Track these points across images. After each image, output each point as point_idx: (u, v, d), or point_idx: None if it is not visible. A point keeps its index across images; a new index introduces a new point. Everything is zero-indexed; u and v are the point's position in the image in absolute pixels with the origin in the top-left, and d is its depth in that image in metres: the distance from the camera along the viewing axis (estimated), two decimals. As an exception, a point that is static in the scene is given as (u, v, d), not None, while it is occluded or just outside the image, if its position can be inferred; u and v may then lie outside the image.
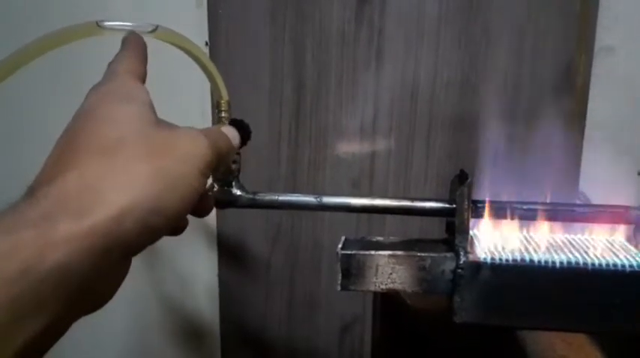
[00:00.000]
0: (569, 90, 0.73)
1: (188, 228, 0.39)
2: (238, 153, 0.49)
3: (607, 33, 0.71)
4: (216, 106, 0.47)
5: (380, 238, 0.49)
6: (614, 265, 0.42)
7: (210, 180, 0.49)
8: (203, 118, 0.69)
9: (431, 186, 0.75)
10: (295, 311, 0.78)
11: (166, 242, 0.72)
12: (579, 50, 0.72)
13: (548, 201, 0.48)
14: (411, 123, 0.73)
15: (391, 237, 0.49)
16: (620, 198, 0.49)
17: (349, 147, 0.74)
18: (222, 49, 0.69)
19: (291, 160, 0.73)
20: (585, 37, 0.71)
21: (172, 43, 0.42)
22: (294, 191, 0.74)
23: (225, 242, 0.75)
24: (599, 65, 0.72)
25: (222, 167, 0.46)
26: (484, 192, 0.58)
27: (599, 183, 0.74)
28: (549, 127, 0.74)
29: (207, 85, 0.47)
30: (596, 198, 0.74)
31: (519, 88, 0.73)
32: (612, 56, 0.72)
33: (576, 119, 0.73)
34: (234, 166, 0.48)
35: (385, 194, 0.75)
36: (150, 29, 0.41)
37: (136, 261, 0.33)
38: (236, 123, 0.50)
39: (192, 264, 0.75)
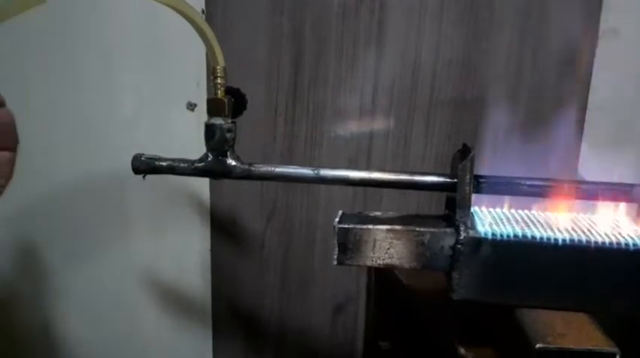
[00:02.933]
0: (572, 70, 0.71)
1: (180, 201, 0.38)
2: (234, 122, 0.47)
3: (612, 15, 0.70)
4: (211, 73, 0.46)
5: (378, 213, 0.47)
6: (618, 243, 0.41)
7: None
8: (198, 88, 0.67)
9: (429, 166, 0.73)
10: (289, 290, 0.77)
11: (158, 214, 0.71)
12: (583, 31, 0.71)
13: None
14: (411, 102, 0.71)
15: (389, 212, 0.47)
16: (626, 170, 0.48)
17: (347, 125, 0.72)
18: (219, 18, 0.67)
19: (288, 136, 0.72)
20: (590, 19, 0.70)
21: (167, 4, 0.40)
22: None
23: (219, 217, 0.74)
24: (603, 47, 0.71)
25: None
26: (483, 172, 0.57)
27: (598, 164, 0.73)
28: (551, 107, 0.73)
29: (204, 52, 0.45)
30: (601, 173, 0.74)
31: (522, 68, 0.71)
32: (616, 38, 0.71)
33: (578, 99, 0.72)
34: (228, 135, 0.46)
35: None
36: None
37: (128, 233, 0.32)
38: (232, 91, 0.48)
39: (184, 238, 0.73)
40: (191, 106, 0.67)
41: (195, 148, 0.48)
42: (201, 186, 0.71)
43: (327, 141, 0.72)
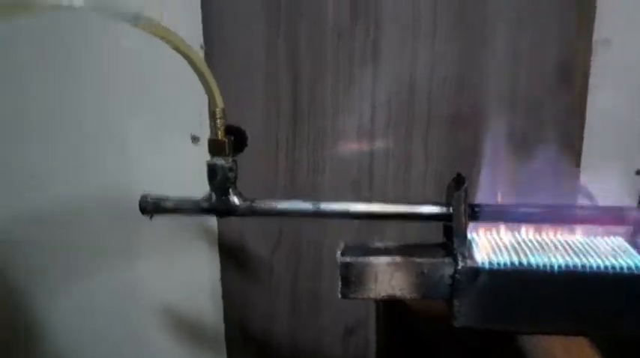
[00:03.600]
0: (569, 83, 0.72)
1: (190, 232, 0.39)
2: (235, 161, 0.49)
3: (605, 25, 0.71)
4: (211, 115, 0.47)
5: (379, 244, 0.49)
6: (613, 267, 0.42)
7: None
8: (201, 119, 0.69)
9: (430, 185, 0.75)
10: (299, 314, 0.78)
11: (168, 246, 0.73)
12: (577, 43, 0.71)
13: (549, 196, 0.48)
14: (408, 121, 0.73)
15: (389, 242, 0.49)
16: (621, 190, 0.49)
17: (347, 149, 0.73)
18: (216, 52, 0.69)
19: (290, 164, 0.73)
20: (583, 29, 0.70)
21: (159, 36, 0.42)
22: (293, 195, 0.74)
23: (227, 246, 0.76)
24: (597, 58, 0.72)
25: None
26: (484, 189, 0.58)
27: (599, 176, 0.74)
28: (549, 121, 0.74)
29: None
30: (597, 192, 0.74)
31: (517, 83, 0.72)
32: (610, 48, 0.72)
33: (576, 111, 0.73)
34: (230, 174, 0.48)
35: (385, 194, 0.75)
36: (135, 20, 0.40)
37: (140, 267, 0.34)
38: (232, 129, 0.50)
39: (194, 269, 0.75)
40: (195, 139, 0.69)
41: (200, 180, 0.49)
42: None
43: (329, 167, 0.74)
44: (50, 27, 0.66)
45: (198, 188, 0.49)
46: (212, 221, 0.74)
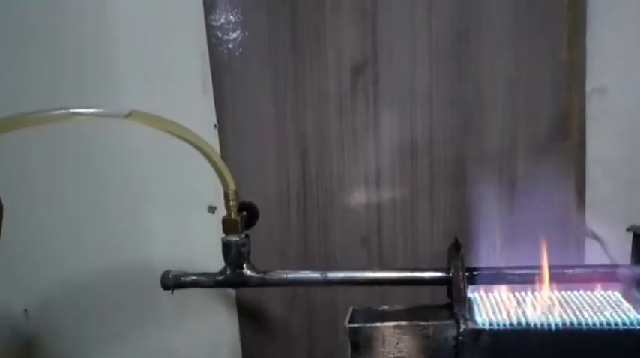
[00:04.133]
0: (565, 134, 0.75)
1: (208, 296, 0.42)
2: (247, 236, 0.53)
3: (598, 74, 0.74)
4: (224, 196, 0.52)
5: (386, 307, 0.52)
6: (608, 324, 0.44)
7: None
8: (216, 192, 0.73)
9: (438, 239, 0.77)
10: (317, 371, 0.80)
11: (188, 311, 0.77)
12: (571, 94, 0.74)
13: (554, 245, 0.51)
14: (413, 182, 0.76)
15: (396, 306, 0.52)
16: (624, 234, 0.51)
17: (356, 208, 0.77)
18: (230, 130, 0.74)
19: (301, 225, 0.77)
20: (576, 81, 0.73)
21: (151, 125, 0.46)
22: (305, 255, 0.78)
23: (245, 307, 0.79)
24: (593, 106, 0.74)
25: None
26: (491, 245, 0.60)
27: (602, 219, 0.76)
28: (550, 173, 0.76)
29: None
30: (605, 234, 0.75)
31: (516, 141, 0.75)
32: (605, 96, 0.74)
33: (577, 161, 0.75)
34: (243, 249, 0.52)
35: (394, 249, 0.78)
36: (125, 114, 0.44)
37: (165, 331, 0.37)
38: (244, 205, 0.54)
39: (214, 331, 0.78)
40: (212, 210, 0.73)
41: (218, 244, 0.53)
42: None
43: (339, 226, 0.77)
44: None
45: (217, 254, 0.53)
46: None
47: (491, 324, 0.45)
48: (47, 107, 0.43)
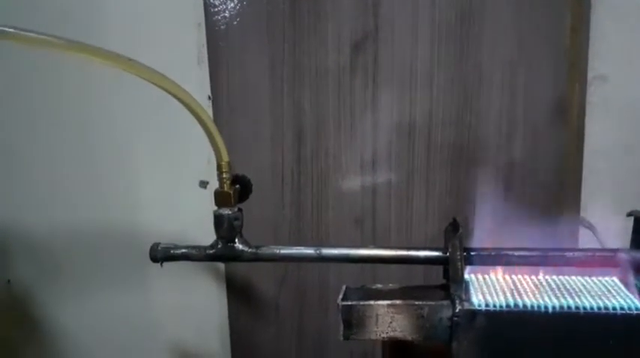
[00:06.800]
0: (565, 120, 0.74)
1: (197, 271, 0.41)
2: (240, 210, 0.51)
3: (600, 62, 0.73)
4: (217, 168, 0.50)
5: (379, 286, 0.50)
6: (606, 308, 0.43)
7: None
8: (209, 165, 0.71)
9: (432, 221, 0.76)
10: (305, 351, 0.79)
11: (178, 284, 0.75)
12: (572, 80, 0.73)
13: (549, 232, 0.50)
14: (409, 162, 0.75)
15: (390, 284, 0.50)
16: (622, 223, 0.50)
17: (350, 188, 0.76)
18: (224, 103, 0.72)
19: (295, 204, 0.76)
20: (577, 67, 0.73)
21: (172, 94, 0.45)
22: (299, 233, 0.76)
23: (234, 284, 0.77)
24: (593, 94, 0.74)
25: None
26: (485, 226, 0.59)
27: (600, 208, 0.75)
28: (547, 157, 0.75)
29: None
30: (599, 223, 0.75)
31: (514, 123, 0.74)
32: (606, 84, 0.74)
33: (574, 147, 0.75)
34: (235, 223, 0.50)
35: (388, 229, 0.77)
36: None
37: (150, 303, 0.36)
38: (238, 178, 0.52)
39: (202, 307, 0.77)
40: (203, 184, 0.71)
41: (209, 220, 0.51)
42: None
43: (332, 206, 0.76)
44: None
45: (208, 229, 0.51)
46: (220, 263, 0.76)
47: (487, 306, 0.44)
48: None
